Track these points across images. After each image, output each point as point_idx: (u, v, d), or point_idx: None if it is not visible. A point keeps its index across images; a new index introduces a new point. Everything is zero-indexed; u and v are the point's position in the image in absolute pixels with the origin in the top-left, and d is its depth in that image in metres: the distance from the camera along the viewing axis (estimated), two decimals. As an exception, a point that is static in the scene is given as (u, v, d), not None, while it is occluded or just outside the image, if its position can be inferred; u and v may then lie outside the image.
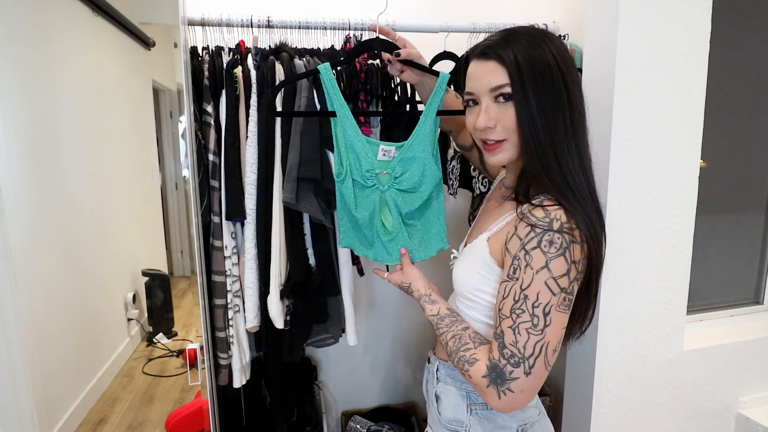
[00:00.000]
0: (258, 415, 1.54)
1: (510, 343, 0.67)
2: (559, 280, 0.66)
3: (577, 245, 0.67)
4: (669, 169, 1.23)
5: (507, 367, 0.67)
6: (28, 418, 1.42)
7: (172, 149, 2.01)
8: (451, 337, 0.78)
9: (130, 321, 2.02)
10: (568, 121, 0.70)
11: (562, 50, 0.72)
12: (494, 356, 0.69)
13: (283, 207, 1.21)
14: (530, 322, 0.66)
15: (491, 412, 0.82)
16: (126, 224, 2.06)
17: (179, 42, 1.15)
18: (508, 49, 0.70)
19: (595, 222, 0.70)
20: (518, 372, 0.67)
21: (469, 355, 0.73)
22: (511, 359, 0.67)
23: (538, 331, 0.66)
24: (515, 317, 0.67)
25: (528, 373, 0.67)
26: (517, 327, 0.67)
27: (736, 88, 1.50)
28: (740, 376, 1.44)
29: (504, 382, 0.68)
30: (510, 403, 0.69)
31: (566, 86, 0.70)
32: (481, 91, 0.74)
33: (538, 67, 0.69)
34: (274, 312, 1.22)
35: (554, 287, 0.66)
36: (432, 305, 0.87)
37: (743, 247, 1.63)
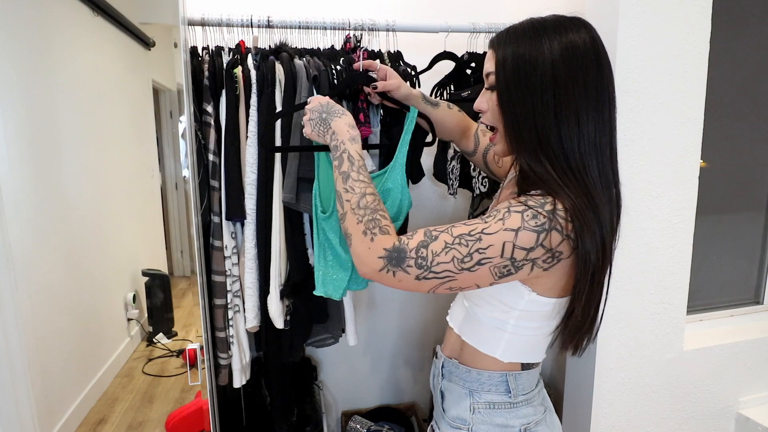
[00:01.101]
0: (258, 415, 1.54)
1: (432, 251, 0.67)
2: (516, 251, 0.65)
3: (559, 235, 0.65)
4: (669, 169, 1.23)
5: (409, 260, 0.67)
6: (28, 418, 1.42)
7: (172, 149, 2.01)
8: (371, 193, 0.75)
9: (130, 321, 2.02)
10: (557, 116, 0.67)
11: (570, 45, 0.67)
12: (409, 244, 0.68)
13: (283, 207, 1.21)
14: (461, 255, 0.66)
15: (494, 411, 0.82)
16: (126, 224, 2.06)
17: (179, 42, 1.15)
18: (506, 39, 0.72)
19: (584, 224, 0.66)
20: (413, 271, 0.67)
21: (385, 223, 0.72)
22: (418, 260, 0.67)
23: (458, 266, 0.66)
24: (456, 242, 0.66)
25: (418, 278, 0.68)
26: (449, 248, 0.66)
27: (736, 88, 1.50)
28: (740, 376, 1.44)
29: (396, 266, 0.68)
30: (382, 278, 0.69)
31: (556, 81, 0.66)
32: (484, 77, 0.77)
33: (527, 59, 0.68)
34: (274, 312, 1.22)
35: (507, 251, 0.65)
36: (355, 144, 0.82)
37: (743, 247, 1.63)
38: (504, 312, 0.77)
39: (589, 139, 0.68)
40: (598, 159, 0.69)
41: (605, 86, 0.69)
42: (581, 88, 0.67)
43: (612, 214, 0.71)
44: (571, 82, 0.67)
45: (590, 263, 0.67)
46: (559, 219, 0.65)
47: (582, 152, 0.68)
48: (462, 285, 0.69)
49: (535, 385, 0.85)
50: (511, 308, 0.76)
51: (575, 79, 0.67)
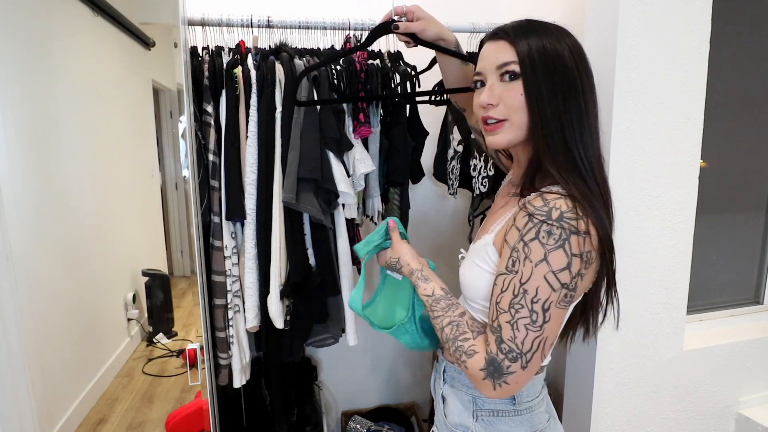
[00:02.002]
0: (258, 415, 1.54)
1: (508, 339, 0.66)
2: (559, 275, 0.64)
3: (579, 237, 0.63)
4: (669, 169, 1.23)
5: (504, 362, 0.66)
6: (28, 418, 1.42)
7: (172, 149, 2.01)
8: (448, 324, 0.75)
9: (130, 321, 2.02)
10: (582, 109, 0.69)
11: (578, 46, 0.71)
12: (491, 350, 0.67)
13: (283, 207, 1.21)
14: (529, 318, 0.65)
15: (498, 418, 0.80)
16: (126, 224, 2.06)
17: (179, 42, 1.15)
18: (520, 32, 0.71)
19: (603, 213, 0.67)
20: (515, 367, 0.66)
21: (467, 347, 0.71)
22: (509, 354, 0.66)
23: (536, 327, 0.65)
24: (514, 312, 0.65)
25: (525, 367, 0.66)
26: (515, 323, 0.65)
27: (736, 88, 1.50)
28: (740, 376, 1.44)
29: (501, 376, 0.67)
30: (504, 392, 0.69)
31: (580, 76, 0.69)
32: (489, 70, 0.73)
33: (550, 51, 0.68)
34: (274, 312, 1.22)
35: (554, 282, 0.64)
36: (425, 283, 0.81)
37: (743, 247, 1.63)
38: None
39: (593, 133, 0.71)
40: (597, 148, 0.72)
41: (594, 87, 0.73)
42: (592, 87, 0.71)
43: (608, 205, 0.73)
44: (588, 81, 0.70)
45: (612, 244, 0.68)
46: (569, 222, 0.64)
47: (590, 147, 0.70)
48: (554, 334, 0.67)
49: (539, 391, 0.83)
50: None
51: (590, 78, 0.71)
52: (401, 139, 1.33)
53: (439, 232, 1.81)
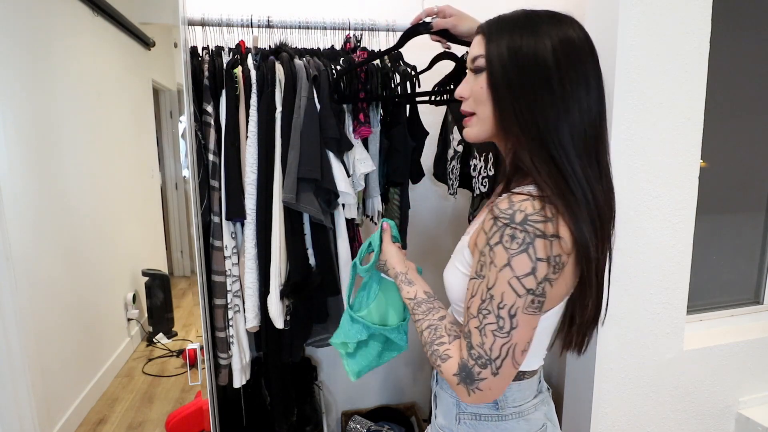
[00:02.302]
0: (258, 415, 1.54)
1: (477, 345, 0.65)
2: (524, 280, 0.62)
3: (545, 240, 0.61)
4: (669, 169, 1.23)
5: (475, 368, 0.65)
6: (28, 418, 1.42)
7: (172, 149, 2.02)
8: (426, 327, 0.76)
9: (130, 321, 2.02)
10: (559, 106, 0.64)
11: (568, 42, 0.66)
12: (463, 355, 0.67)
13: (283, 207, 1.22)
14: (496, 324, 0.63)
15: (480, 422, 0.79)
16: (126, 224, 2.06)
17: (179, 42, 1.15)
18: (498, 27, 0.69)
19: (583, 217, 0.64)
20: (486, 373, 0.65)
21: (442, 351, 0.71)
22: (478, 360, 0.65)
23: (504, 333, 0.63)
24: (482, 318, 0.64)
25: (496, 374, 0.65)
26: (483, 328, 0.64)
27: (736, 88, 1.50)
28: (740, 376, 1.44)
29: (473, 382, 0.66)
30: (480, 398, 0.68)
31: (559, 72, 0.64)
32: (468, 63, 0.74)
33: (523, 46, 0.65)
34: (274, 312, 1.22)
35: (519, 288, 0.62)
36: (408, 286, 0.82)
37: (743, 247, 1.63)
38: None
39: (579, 129, 0.65)
40: (587, 149, 0.66)
41: (601, 79, 0.69)
42: (582, 79, 0.66)
43: (607, 207, 0.69)
44: (572, 77, 0.65)
45: (589, 249, 0.64)
46: (533, 225, 0.61)
47: (569, 147, 0.65)
48: (525, 340, 0.65)
49: (532, 396, 0.80)
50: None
51: (575, 69, 0.65)
52: (401, 139, 1.33)
53: (439, 232, 1.81)
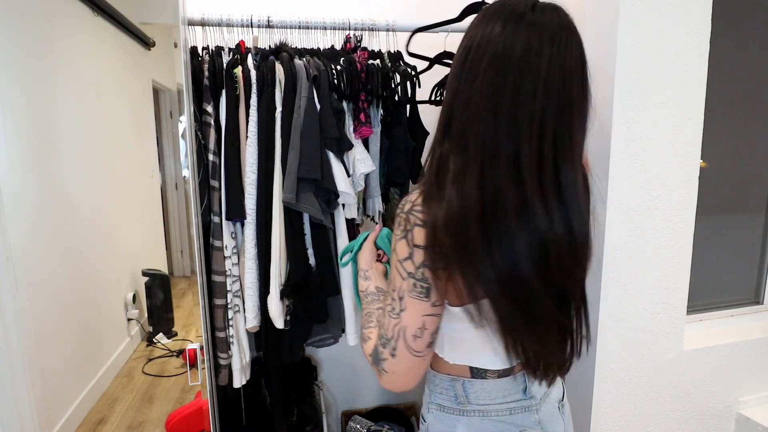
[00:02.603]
0: (258, 415, 1.54)
1: (382, 326, 0.69)
2: (404, 264, 0.65)
3: (422, 229, 0.62)
4: (669, 169, 1.23)
5: (379, 348, 0.69)
6: (28, 418, 1.42)
7: (172, 149, 2.01)
8: (365, 314, 0.79)
9: (130, 321, 2.02)
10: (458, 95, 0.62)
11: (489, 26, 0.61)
12: (373, 338, 0.72)
13: (283, 207, 1.22)
14: (391, 305, 0.68)
15: (443, 414, 0.80)
16: (126, 224, 2.06)
17: (179, 42, 1.15)
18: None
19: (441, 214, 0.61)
20: (386, 353, 0.68)
21: (366, 333, 0.75)
22: (380, 340, 0.69)
23: (395, 314, 0.67)
24: (385, 302, 0.70)
25: (393, 355, 0.67)
26: (384, 310, 0.69)
27: (736, 88, 1.50)
28: (740, 376, 1.44)
29: (379, 362, 0.69)
30: (389, 381, 0.70)
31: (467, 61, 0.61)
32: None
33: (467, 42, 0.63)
34: (274, 312, 1.22)
35: (402, 271, 0.65)
36: (365, 281, 0.84)
37: (743, 247, 1.63)
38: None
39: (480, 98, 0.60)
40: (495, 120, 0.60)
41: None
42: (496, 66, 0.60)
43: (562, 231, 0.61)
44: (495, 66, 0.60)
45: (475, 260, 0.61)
46: (415, 213, 0.63)
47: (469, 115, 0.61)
48: (415, 325, 0.65)
49: (503, 398, 0.78)
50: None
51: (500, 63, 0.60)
52: (402, 139, 1.33)
53: (439, 232, 1.80)
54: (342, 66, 1.26)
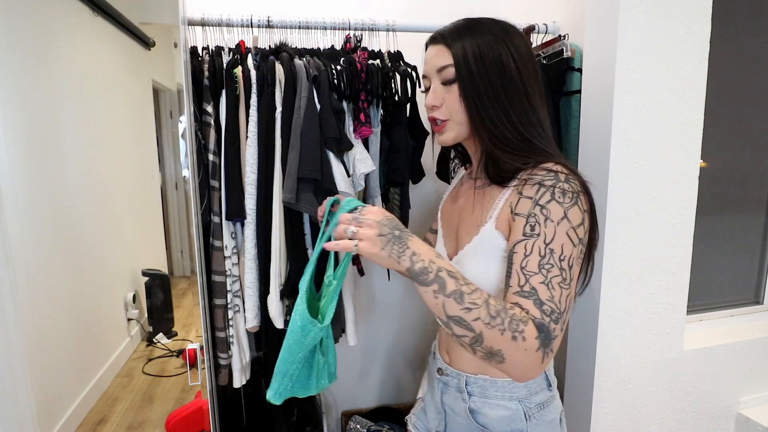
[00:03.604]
0: (258, 415, 1.54)
1: (547, 299, 0.62)
2: (577, 230, 0.66)
3: (584, 195, 0.68)
4: (669, 169, 1.23)
5: (551, 325, 0.62)
6: (28, 418, 1.42)
7: (172, 149, 2.01)
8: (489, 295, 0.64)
9: (130, 321, 2.02)
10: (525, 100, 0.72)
11: (519, 46, 0.73)
12: (535, 315, 0.62)
13: (283, 207, 1.22)
14: (560, 276, 0.63)
15: (545, 410, 0.82)
16: (126, 224, 2.06)
17: (179, 42, 1.15)
18: (456, 35, 0.74)
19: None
20: (558, 329, 0.62)
21: (519, 314, 0.62)
22: (552, 316, 0.62)
23: (567, 285, 0.64)
24: (545, 272, 0.63)
25: (562, 330, 0.63)
26: (549, 282, 0.63)
27: (736, 88, 1.50)
28: (740, 376, 1.44)
29: (549, 342, 0.62)
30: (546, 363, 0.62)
31: (518, 68, 0.72)
32: (431, 73, 0.77)
33: (485, 52, 0.71)
34: (274, 312, 1.22)
35: (574, 238, 0.65)
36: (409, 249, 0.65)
37: (743, 247, 1.63)
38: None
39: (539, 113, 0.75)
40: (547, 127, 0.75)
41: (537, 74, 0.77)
42: (534, 76, 0.74)
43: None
44: (532, 71, 0.74)
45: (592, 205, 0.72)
46: (573, 183, 0.68)
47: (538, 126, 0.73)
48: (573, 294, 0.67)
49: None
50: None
51: (534, 68, 0.74)
52: (402, 140, 1.33)
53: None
54: (342, 66, 1.26)
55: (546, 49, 1.45)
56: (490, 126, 0.72)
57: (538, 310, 0.62)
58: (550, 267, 0.64)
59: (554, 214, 0.65)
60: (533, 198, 0.67)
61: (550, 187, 0.67)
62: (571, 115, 1.40)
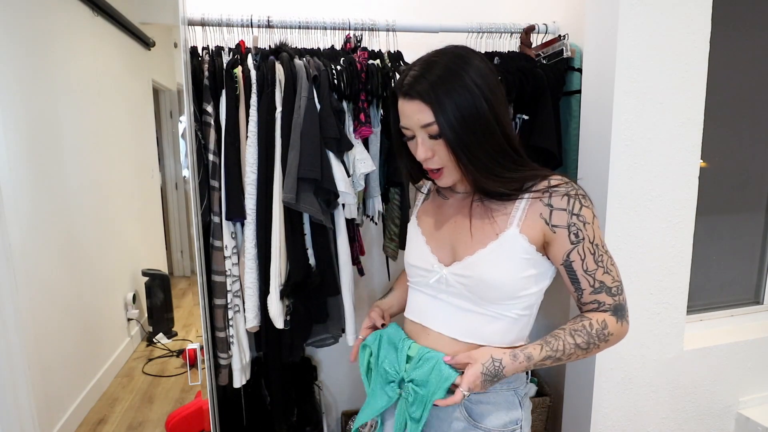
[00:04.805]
0: (258, 415, 1.54)
1: (611, 282, 0.78)
2: (598, 222, 0.79)
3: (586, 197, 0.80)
4: (669, 169, 1.23)
5: (620, 299, 0.79)
6: (28, 418, 1.42)
7: (172, 149, 2.01)
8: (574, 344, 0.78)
9: (130, 321, 2.02)
10: (501, 132, 0.77)
11: (482, 71, 0.76)
12: (608, 303, 0.78)
13: (283, 207, 1.21)
14: (610, 259, 0.79)
15: (526, 398, 0.87)
16: (126, 224, 2.06)
17: (179, 42, 1.15)
18: (427, 85, 0.75)
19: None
20: (624, 296, 0.80)
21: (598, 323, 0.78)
22: (618, 292, 0.79)
23: (613, 261, 0.79)
24: (602, 263, 0.78)
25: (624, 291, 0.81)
26: (606, 268, 0.78)
27: (736, 88, 1.50)
28: (740, 376, 1.44)
29: (625, 312, 0.80)
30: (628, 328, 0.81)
31: (491, 106, 0.75)
32: (415, 128, 0.78)
33: (459, 96, 0.74)
34: (274, 312, 1.22)
35: (601, 228, 0.79)
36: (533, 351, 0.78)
37: (743, 247, 1.63)
38: (537, 296, 0.83)
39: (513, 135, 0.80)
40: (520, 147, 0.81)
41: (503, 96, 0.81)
42: (502, 101, 0.79)
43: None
44: (501, 100, 0.78)
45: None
46: (577, 185, 0.79)
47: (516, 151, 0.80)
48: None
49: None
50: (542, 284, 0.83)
51: (501, 95, 0.78)
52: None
53: (439, 232, 1.80)
54: (342, 66, 1.26)
55: (546, 49, 1.45)
56: (481, 168, 0.77)
57: (610, 297, 0.79)
58: (601, 257, 0.78)
59: (588, 217, 0.77)
60: (567, 209, 0.77)
61: (576, 197, 0.77)
62: (571, 115, 1.40)
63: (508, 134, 0.78)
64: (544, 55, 1.45)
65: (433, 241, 0.89)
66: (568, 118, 1.42)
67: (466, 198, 0.87)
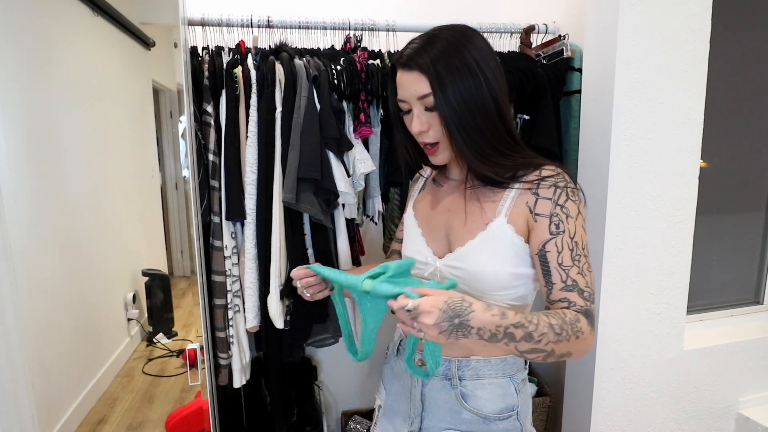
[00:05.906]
0: (258, 415, 1.54)
1: (585, 286, 0.74)
2: (585, 221, 0.77)
3: (579, 191, 0.78)
4: (669, 169, 1.23)
5: (591, 307, 0.74)
6: (28, 418, 1.42)
7: (172, 149, 2.01)
8: (547, 318, 0.70)
9: (130, 321, 2.02)
10: (494, 118, 0.75)
11: (483, 50, 0.76)
12: (580, 304, 0.73)
13: (283, 207, 1.21)
14: (587, 263, 0.75)
15: (526, 385, 0.87)
16: (126, 224, 2.06)
17: (179, 42, 1.15)
18: (427, 58, 0.74)
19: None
20: (594, 306, 0.75)
21: (572, 316, 0.71)
22: (590, 298, 0.74)
23: (590, 268, 0.76)
24: (578, 263, 0.74)
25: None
26: (582, 271, 0.74)
27: (736, 88, 1.50)
28: (740, 376, 1.44)
29: (594, 320, 0.75)
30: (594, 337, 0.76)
31: (489, 87, 0.74)
32: (411, 100, 0.78)
33: (458, 72, 0.73)
34: (274, 312, 1.22)
35: (585, 228, 0.76)
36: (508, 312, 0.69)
37: (743, 247, 1.63)
38: (530, 286, 0.82)
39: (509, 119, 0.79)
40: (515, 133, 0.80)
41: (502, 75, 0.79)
42: (500, 78, 0.77)
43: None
44: (500, 82, 0.77)
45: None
46: (567, 177, 0.77)
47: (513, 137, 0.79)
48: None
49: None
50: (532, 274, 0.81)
51: (500, 78, 0.77)
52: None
53: (439, 232, 1.81)
54: (342, 66, 1.26)
55: (546, 49, 1.45)
56: (472, 147, 0.76)
57: (581, 299, 0.74)
58: (578, 257, 0.75)
59: (572, 212, 0.75)
60: (552, 199, 0.75)
61: (564, 188, 0.75)
62: (571, 115, 1.40)
63: (505, 118, 0.77)
64: (544, 55, 1.45)
65: (429, 232, 0.89)
66: (569, 118, 1.42)
67: (460, 185, 0.86)
